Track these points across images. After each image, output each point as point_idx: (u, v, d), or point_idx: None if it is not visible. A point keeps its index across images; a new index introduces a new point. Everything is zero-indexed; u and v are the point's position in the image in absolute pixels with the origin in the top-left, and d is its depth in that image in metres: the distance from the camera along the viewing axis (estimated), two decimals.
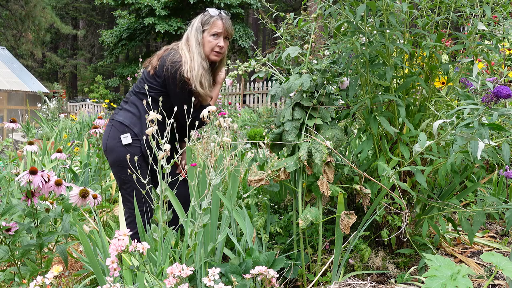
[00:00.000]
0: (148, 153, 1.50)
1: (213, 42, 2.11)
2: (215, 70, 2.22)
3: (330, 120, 1.79)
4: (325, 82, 1.85)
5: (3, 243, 1.65)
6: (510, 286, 1.56)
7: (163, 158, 1.33)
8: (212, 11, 2.14)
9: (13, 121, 2.84)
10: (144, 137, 2.03)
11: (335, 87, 1.98)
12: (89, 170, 3.36)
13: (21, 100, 12.68)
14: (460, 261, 1.95)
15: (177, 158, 2.15)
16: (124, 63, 18.47)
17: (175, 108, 1.55)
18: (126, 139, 2.04)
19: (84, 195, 1.80)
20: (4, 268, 1.95)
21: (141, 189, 1.87)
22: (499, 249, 2.10)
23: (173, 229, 1.88)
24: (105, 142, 2.10)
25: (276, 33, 2.06)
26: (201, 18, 2.13)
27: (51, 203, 1.87)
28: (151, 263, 1.46)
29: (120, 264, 1.14)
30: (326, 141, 1.68)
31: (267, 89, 11.54)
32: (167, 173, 1.37)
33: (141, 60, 9.31)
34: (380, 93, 1.80)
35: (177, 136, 2.08)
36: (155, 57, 2.12)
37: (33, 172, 1.68)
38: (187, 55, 2.07)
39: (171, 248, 1.65)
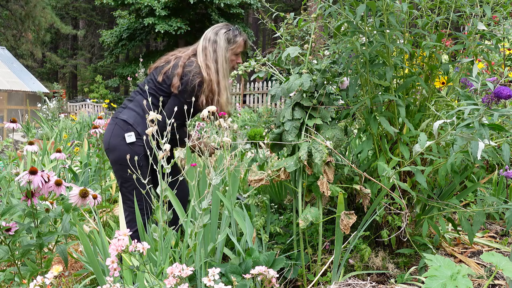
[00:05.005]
0: (149, 152, 1.50)
1: (234, 60, 2.18)
2: None
3: (330, 120, 1.79)
4: (325, 82, 1.85)
5: (3, 243, 1.65)
6: (510, 286, 1.56)
7: (163, 158, 1.33)
8: (236, 29, 2.17)
9: (13, 121, 2.84)
10: (145, 137, 2.04)
11: (335, 87, 1.98)
12: (89, 170, 3.36)
13: (21, 100, 12.68)
14: (460, 261, 1.95)
15: (177, 158, 2.15)
16: (124, 63, 18.48)
17: (175, 109, 1.55)
18: (130, 137, 2.04)
19: (84, 195, 1.80)
20: (4, 268, 1.95)
21: (141, 188, 1.88)
22: (499, 249, 2.10)
23: (173, 229, 1.89)
24: (108, 140, 2.09)
25: (276, 33, 2.06)
26: (226, 36, 2.13)
27: (51, 203, 1.87)
28: (151, 263, 1.46)
29: (120, 264, 1.14)
30: (326, 141, 1.68)
31: (267, 89, 11.54)
32: (167, 173, 1.38)
33: (141, 60, 9.32)
34: (380, 93, 1.80)
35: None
36: (177, 65, 2.11)
37: (33, 172, 1.68)
38: (214, 79, 2.09)
39: (171, 248, 1.65)
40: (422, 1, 1.74)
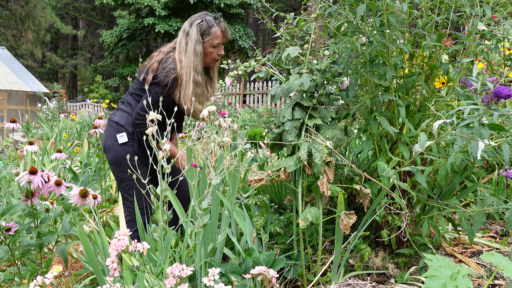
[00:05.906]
0: (148, 152, 1.51)
1: (214, 52, 2.10)
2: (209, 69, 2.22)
3: (330, 120, 1.79)
4: (325, 82, 1.85)
5: (3, 243, 1.65)
6: (510, 286, 1.56)
7: (163, 158, 1.33)
8: (213, 19, 2.07)
9: (13, 121, 2.84)
10: (144, 137, 2.04)
11: (335, 87, 1.98)
12: (89, 170, 3.36)
13: (21, 100, 12.67)
14: (460, 261, 1.94)
15: (178, 157, 2.15)
16: (124, 63, 18.46)
17: (175, 109, 1.55)
18: (122, 138, 2.08)
19: (84, 195, 1.81)
20: (4, 268, 1.95)
21: (138, 188, 1.88)
22: (499, 249, 2.10)
23: (173, 229, 1.89)
24: (104, 141, 2.15)
25: (276, 33, 2.06)
26: (199, 27, 2.04)
27: (51, 203, 1.87)
28: (151, 263, 1.46)
29: (120, 264, 1.14)
30: (326, 141, 1.68)
31: (267, 89, 11.53)
32: (166, 173, 1.37)
33: (141, 60, 9.31)
34: (380, 93, 1.80)
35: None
36: (155, 61, 2.11)
37: (33, 172, 1.68)
38: (179, 70, 2.03)
39: (171, 248, 1.65)
40: (422, 1, 1.74)
